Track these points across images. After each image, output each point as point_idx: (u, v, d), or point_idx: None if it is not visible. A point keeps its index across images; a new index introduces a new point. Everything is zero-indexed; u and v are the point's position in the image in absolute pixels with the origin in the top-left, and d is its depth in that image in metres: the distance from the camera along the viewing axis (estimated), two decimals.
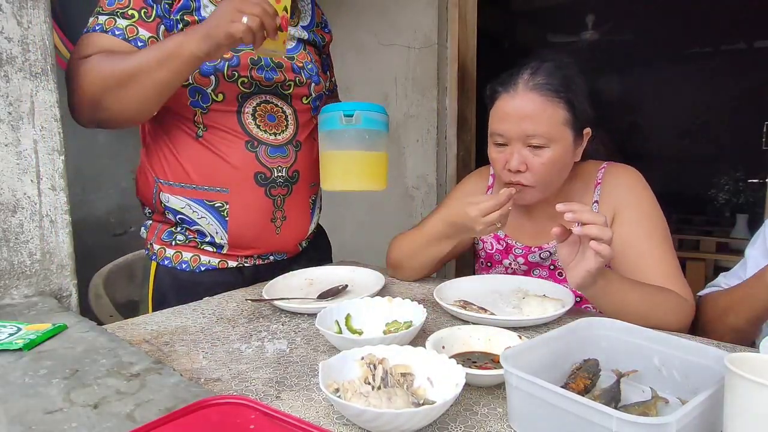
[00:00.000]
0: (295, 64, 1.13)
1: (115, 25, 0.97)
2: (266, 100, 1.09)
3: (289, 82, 1.11)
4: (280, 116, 1.11)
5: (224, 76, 1.03)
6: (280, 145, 1.11)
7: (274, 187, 1.10)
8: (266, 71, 1.08)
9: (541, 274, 1.18)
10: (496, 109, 1.05)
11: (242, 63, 1.04)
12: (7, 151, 0.85)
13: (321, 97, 1.20)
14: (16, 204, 0.86)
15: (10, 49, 0.86)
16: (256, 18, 0.86)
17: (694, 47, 4.95)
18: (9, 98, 0.85)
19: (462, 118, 2.50)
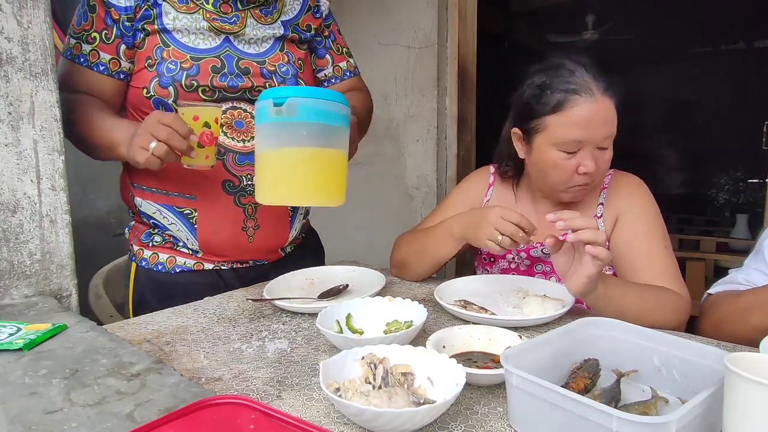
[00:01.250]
0: (266, 68, 1.07)
1: (81, 51, 1.01)
2: (234, 106, 1.05)
3: (257, 88, 1.05)
4: (248, 122, 1.06)
5: (182, 86, 1.00)
6: (249, 152, 1.06)
7: (243, 196, 1.07)
8: (230, 78, 1.03)
9: (545, 269, 1.17)
10: (570, 115, 0.98)
11: (202, 71, 1.01)
12: (7, 151, 0.85)
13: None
14: (16, 204, 0.86)
15: (10, 49, 0.86)
16: (163, 145, 0.86)
17: (694, 47, 4.94)
18: (9, 98, 0.85)
19: (462, 118, 2.50)
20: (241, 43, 1.06)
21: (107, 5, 0.99)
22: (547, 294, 0.98)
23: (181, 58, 1.01)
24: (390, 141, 2.59)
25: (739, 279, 1.03)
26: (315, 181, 0.88)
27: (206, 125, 0.94)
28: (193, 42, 1.02)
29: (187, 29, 1.01)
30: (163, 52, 1.01)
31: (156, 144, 0.87)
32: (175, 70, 1.00)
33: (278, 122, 0.84)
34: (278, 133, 0.86)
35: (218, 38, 1.04)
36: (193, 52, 1.02)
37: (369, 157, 2.67)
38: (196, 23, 1.02)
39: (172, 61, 1.00)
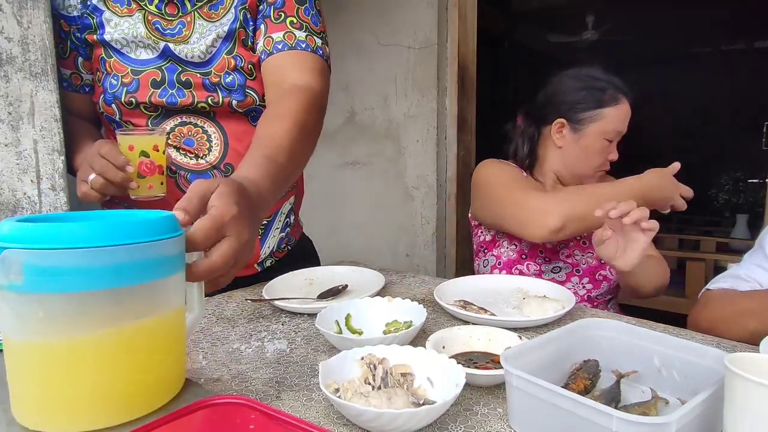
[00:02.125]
0: (209, 80, 0.96)
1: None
2: (183, 121, 0.96)
3: (200, 105, 0.95)
4: (200, 138, 0.97)
5: (123, 103, 0.94)
6: (203, 170, 0.99)
7: None
8: (170, 94, 0.94)
9: (568, 244, 1.28)
10: (619, 110, 1.22)
11: (141, 86, 0.94)
12: (7, 151, 0.85)
13: (256, 110, 1.01)
14: (16, 204, 0.86)
15: (10, 49, 0.86)
16: (99, 178, 0.83)
17: (694, 47, 4.95)
18: (9, 98, 0.86)
19: (462, 118, 2.50)
20: (182, 51, 0.95)
21: (58, 17, 0.94)
22: (547, 295, 0.98)
23: (122, 71, 0.94)
24: (390, 141, 2.59)
25: (741, 274, 1.03)
26: (74, 397, 0.50)
27: (143, 154, 0.88)
28: (133, 53, 0.95)
29: (125, 38, 0.94)
30: (106, 64, 0.95)
31: (93, 177, 0.83)
32: (116, 86, 0.94)
33: (6, 292, 0.48)
34: (7, 313, 0.49)
35: (157, 46, 0.94)
36: (134, 64, 0.95)
37: (369, 157, 2.68)
38: (134, 29, 0.93)
39: (114, 75, 0.94)
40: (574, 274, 1.25)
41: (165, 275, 0.54)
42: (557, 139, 1.27)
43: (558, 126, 1.26)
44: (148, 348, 0.53)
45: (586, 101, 1.22)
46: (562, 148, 1.27)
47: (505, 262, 1.30)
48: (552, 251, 1.27)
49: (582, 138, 1.23)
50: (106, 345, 0.50)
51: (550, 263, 1.26)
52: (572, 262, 1.25)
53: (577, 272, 1.25)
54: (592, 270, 1.24)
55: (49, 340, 0.49)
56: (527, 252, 1.29)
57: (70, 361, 0.49)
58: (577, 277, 1.24)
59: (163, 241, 0.53)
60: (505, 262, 1.30)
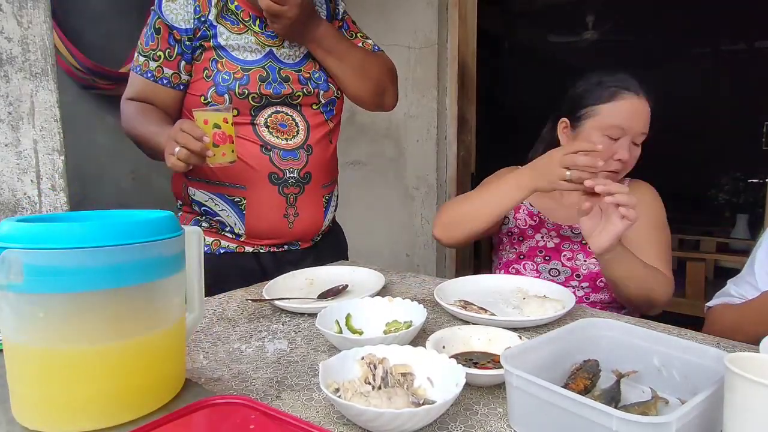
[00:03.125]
0: (302, 75, 1.22)
1: (148, 67, 1.18)
2: (277, 110, 1.20)
3: (297, 93, 1.21)
4: (290, 124, 1.22)
5: (236, 94, 1.15)
6: (291, 149, 1.21)
7: (286, 186, 1.21)
8: (274, 86, 1.18)
9: (572, 247, 1.27)
10: (619, 105, 1.17)
11: (251, 80, 1.16)
12: (7, 151, 0.85)
13: (333, 101, 1.28)
14: (16, 204, 0.86)
15: (10, 49, 0.86)
16: (184, 150, 0.99)
17: (694, 47, 4.95)
18: (9, 98, 0.86)
19: (462, 118, 2.50)
20: (281, 55, 1.21)
21: (171, 28, 1.15)
22: (547, 295, 0.98)
23: (233, 69, 1.16)
24: (390, 141, 2.59)
25: (732, 292, 1.07)
26: (75, 397, 0.50)
27: (216, 126, 1.03)
28: (242, 55, 1.17)
29: (237, 44, 1.17)
30: (217, 64, 1.17)
31: (178, 149, 0.99)
32: (229, 80, 1.15)
33: (6, 292, 0.48)
34: (7, 313, 0.49)
35: (263, 51, 1.19)
36: (243, 63, 1.17)
37: (369, 157, 2.68)
38: (245, 40, 1.18)
39: (226, 72, 1.15)
40: (573, 278, 1.23)
41: (165, 275, 0.55)
42: (563, 138, 1.28)
43: (563, 126, 1.27)
44: (148, 348, 0.53)
45: (586, 98, 1.22)
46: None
47: (503, 264, 1.32)
48: (554, 251, 1.27)
49: (579, 134, 1.22)
50: (106, 345, 0.50)
51: (549, 263, 1.26)
52: (572, 266, 1.24)
53: (576, 276, 1.23)
54: (593, 276, 1.23)
55: (49, 340, 0.49)
56: (525, 253, 1.29)
57: (70, 361, 0.49)
58: (576, 281, 1.23)
59: (163, 241, 0.54)
60: (503, 264, 1.32)
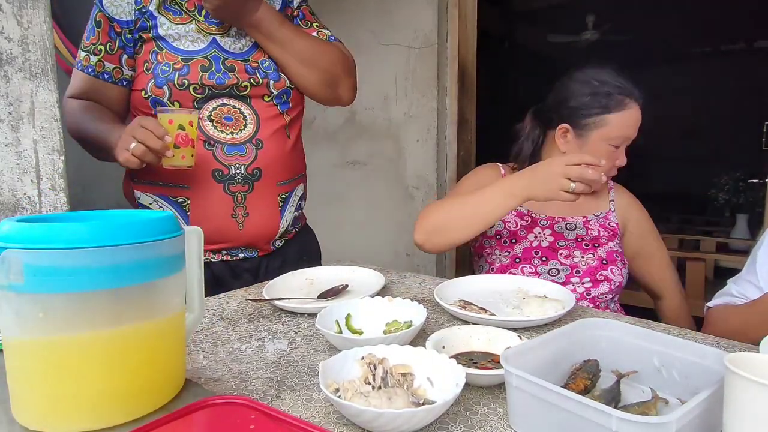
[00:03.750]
0: (249, 65, 1.14)
1: (89, 62, 1.12)
2: (223, 103, 1.13)
3: (243, 84, 1.13)
4: (237, 117, 1.14)
5: (175, 85, 1.09)
6: (237, 143, 1.14)
7: (232, 184, 1.13)
8: (217, 76, 1.11)
9: (568, 244, 1.27)
10: (626, 116, 1.19)
11: (192, 70, 1.09)
12: (7, 151, 0.85)
13: (287, 92, 1.19)
14: (16, 204, 0.86)
15: (10, 49, 0.86)
16: (140, 146, 0.95)
17: (694, 47, 4.95)
18: (9, 98, 0.86)
19: (462, 118, 2.50)
20: (227, 44, 1.14)
21: (111, 20, 1.10)
22: (547, 295, 0.98)
23: (173, 59, 1.09)
24: (390, 141, 2.59)
25: (733, 291, 1.06)
26: (79, 394, 0.50)
27: (180, 128, 1.00)
28: (183, 45, 1.11)
29: (178, 34, 1.11)
30: (157, 55, 1.10)
31: (135, 144, 0.95)
32: (168, 71, 1.08)
33: (6, 291, 0.48)
34: (7, 313, 0.49)
35: (206, 40, 1.12)
36: (184, 54, 1.10)
37: (369, 157, 2.67)
38: (186, 29, 1.12)
39: (166, 63, 1.09)
40: (573, 275, 1.23)
41: (165, 275, 0.55)
42: (561, 143, 1.26)
43: (562, 131, 1.25)
44: (148, 348, 0.53)
45: (591, 107, 1.20)
46: (565, 153, 1.25)
47: (498, 268, 1.28)
48: (550, 250, 1.26)
49: (586, 144, 1.22)
50: (106, 345, 0.50)
51: (547, 263, 1.25)
52: (571, 263, 1.24)
53: (576, 273, 1.23)
54: (593, 270, 1.23)
55: (49, 340, 0.49)
56: (521, 256, 1.27)
57: (70, 361, 0.49)
58: (577, 278, 1.23)
59: (163, 241, 0.54)
60: (498, 268, 1.28)
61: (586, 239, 1.28)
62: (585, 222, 1.30)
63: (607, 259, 1.25)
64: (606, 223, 1.30)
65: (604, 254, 1.25)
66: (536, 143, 1.33)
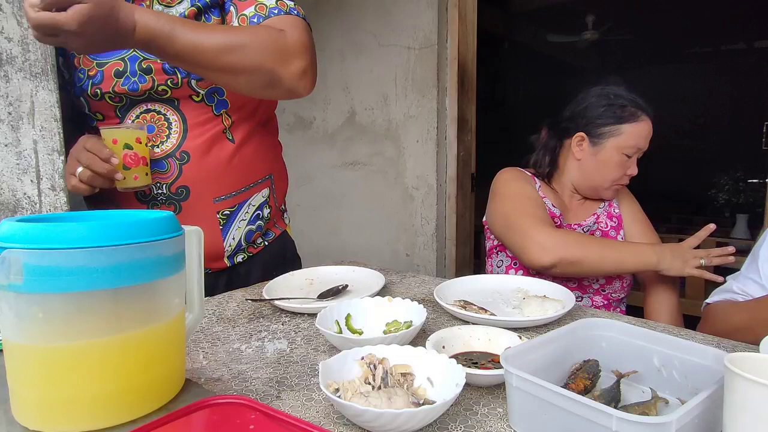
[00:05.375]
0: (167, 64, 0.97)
1: None
2: (147, 109, 0.98)
3: (161, 87, 0.97)
4: (161, 125, 0.99)
5: (89, 95, 0.97)
6: (157, 159, 0.99)
7: (156, 205, 1.01)
8: (132, 81, 0.96)
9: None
10: (639, 126, 1.26)
11: (105, 77, 0.96)
12: (7, 151, 0.85)
13: (218, 91, 1.01)
14: (16, 204, 0.86)
15: (10, 49, 0.86)
16: (87, 171, 0.87)
17: (694, 47, 4.95)
18: (9, 98, 0.86)
19: (462, 119, 2.50)
20: None
21: None
22: (547, 295, 0.98)
23: (89, 65, 0.97)
24: (390, 141, 2.59)
25: (734, 288, 1.05)
26: (75, 396, 0.50)
27: (127, 147, 0.91)
28: None
29: None
30: (75, 60, 0.98)
31: (81, 169, 0.87)
32: (83, 79, 0.97)
33: (6, 292, 0.48)
34: (7, 313, 0.49)
35: None
36: (99, 57, 0.97)
37: (369, 157, 2.67)
38: None
39: (81, 69, 0.98)
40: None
41: (165, 275, 0.54)
42: (577, 151, 1.32)
43: (578, 139, 1.31)
44: (148, 348, 0.53)
45: (606, 117, 1.27)
46: (581, 160, 1.32)
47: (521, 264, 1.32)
48: None
49: (600, 152, 1.28)
50: (106, 345, 0.50)
51: None
52: None
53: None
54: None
55: (48, 340, 0.49)
56: None
57: (70, 361, 0.49)
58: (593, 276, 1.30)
59: (163, 241, 0.54)
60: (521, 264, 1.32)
61: (596, 235, 1.36)
62: (596, 219, 1.38)
63: None
64: (611, 211, 1.39)
65: None
66: (554, 152, 1.39)
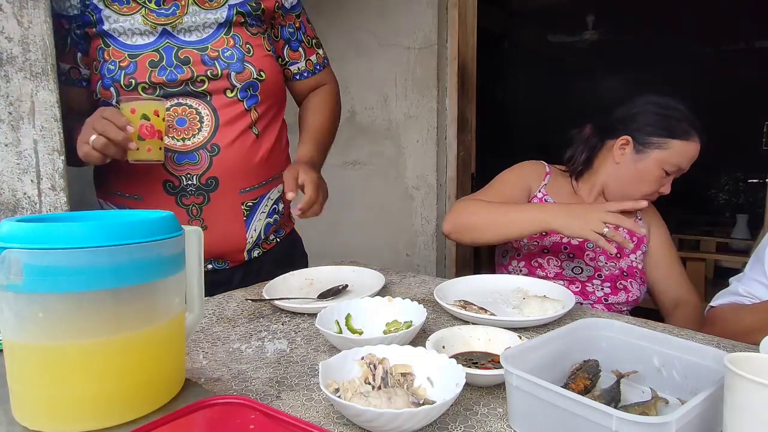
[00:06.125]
0: (207, 55, 1.02)
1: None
2: (178, 103, 1.02)
3: (200, 78, 1.01)
4: (192, 119, 1.02)
5: (122, 85, 0.99)
6: (188, 151, 1.02)
7: (185, 196, 1.04)
8: (168, 71, 1.00)
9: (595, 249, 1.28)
10: (689, 146, 1.19)
11: (140, 67, 1.00)
12: (7, 151, 0.85)
13: (254, 85, 1.07)
14: (16, 204, 0.86)
15: (10, 49, 0.86)
16: (101, 138, 0.87)
17: (694, 47, 4.94)
18: (9, 98, 0.86)
19: (462, 118, 2.50)
20: (180, 33, 1.02)
21: (57, 16, 1.00)
22: (547, 295, 0.98)
23: (119, 57, 1.00)
24: (390, 141, 2.59)
25: (740, 290, 1.04)
26: (78, 399, 0.50)
27: (144, 117, 0.92)
28: (130, 39, 1.01)
29: (123, 28, 1.00)
30: (104, 53, 1.01)
31: (95, 137, 0.87)
32: (114, 70, 0.99)
33: (6, 292, 0.48)
34: (7, 313, 0.49)
35: (155, 32, 1.01)
36: (131, 49, 1.00)
37: (369, 157, 2.67)
38: (133, 20, 1.00)
39: (112, 61, 1.00)
40: (595, 278, 1.27)
41: (165, 275, 0.55)
42: (618, 154, 1.26)
43: (622, 142, 1.25)
44: (148, 348, 0.54)
45: (659, 126, 1.20)
46: (619, 164, 1.26)
47: (525, 255, 1.32)
48: (578, 249, 1.29)
49: (642, 160, 1.22)
50: (106, 345, 0.50)
51: (573, 260, 1.28)
52: (595, 266, 1.28)
53: (599, 276, 1.27)
54: (614, 278, 1.27)
55: (48, 340, 0.49)
56: (549, 247, 1.30)
57: (70, 361, 0.49)
58: (598, 281, 1.27)
59: (163, 241, 0.54)
60: (525, 255, 1.32)
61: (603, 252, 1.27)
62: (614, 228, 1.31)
63: (627, 271, 1.28)
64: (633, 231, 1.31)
65: (624, 266, 1.28)
66: (593, 150, 1.33)
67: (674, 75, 4.95)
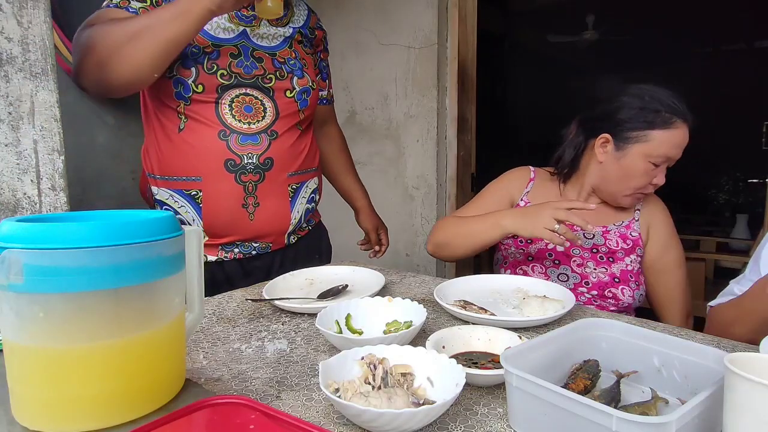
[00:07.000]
0: (276, 59, 1.18)
1: (129, 4, 1.05)
2: (246, 92, 1.14)
3: (269, 75, 1.16)
4: (257, 108, 1.15)
5: (204, 68, 1.09)
6: (253, 133, 1.14)
7: (244, 174, 1.14)
8: (246, 65, 1.13)
9: (583, 254, 1.27)
10: (671, 134, 1.15)
11: (222, 56, 1.11)
12: (7, 151, 0.85)
13: (307, 91, 1.23)
14: (16, 204, 0.86)
15: (10, 49, 0.86)
16: None
17: (694, 47, 4.95)
18: (9, 98, 0.86)
19: (462, 118, 2.50)
20: (255, 37, 1.17)
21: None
22: (547, 295, 0.98)
23: (204, 43, 1.10)
24: (390, 141, 2.59)
25: (735, 291, 1.06)
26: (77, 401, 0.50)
27: None
28: (214, 31, 1.12)
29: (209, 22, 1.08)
30: None
31: None
32: (198, 54, 1.09)
33: (6, 292, 0.48)
34: (7, 313, 0.49)
35: (236, 30, 1.14)
36: (215, 39, 1.11)
37: (369, 157, 2.67)
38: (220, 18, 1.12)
39: (196, 45, 1.09)
40: (582, 285, 1.23)
41: (165, 275, 0.55)
42: (600, 153, 1.23)
43: (602, 141, 1.22)
44: (148, 348, 0.53)
45: (636, 120, 1.17)
46: (603, 163, 1.23)
47: (511, 263, 1.32)
48: (564, 255, 1.26)
49: (624, 157, 1.19)
50: (107, 345, 0.50)
51: (559, 267, 1.25)
52: (582, 273, 1.24)
53: (585, 284, 1.23)
54: (602, 285, 1.22)
55: (49, 340, 0.49)
56: (534, 254, 1.28)
57: (70, 361, 0.49)
58: (585, 288, 1.23)
59: (163, 241, 0.54)
60: (511, 263, 1.32)
61: (601, 251, 1.26)
62: (604, 232, 1.27)
63: (619, 277, 1.23)
64: (627, 233, 1.27)
65: (617, 272, 1.23)
66: (578, 150, 1.30)
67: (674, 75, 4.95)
